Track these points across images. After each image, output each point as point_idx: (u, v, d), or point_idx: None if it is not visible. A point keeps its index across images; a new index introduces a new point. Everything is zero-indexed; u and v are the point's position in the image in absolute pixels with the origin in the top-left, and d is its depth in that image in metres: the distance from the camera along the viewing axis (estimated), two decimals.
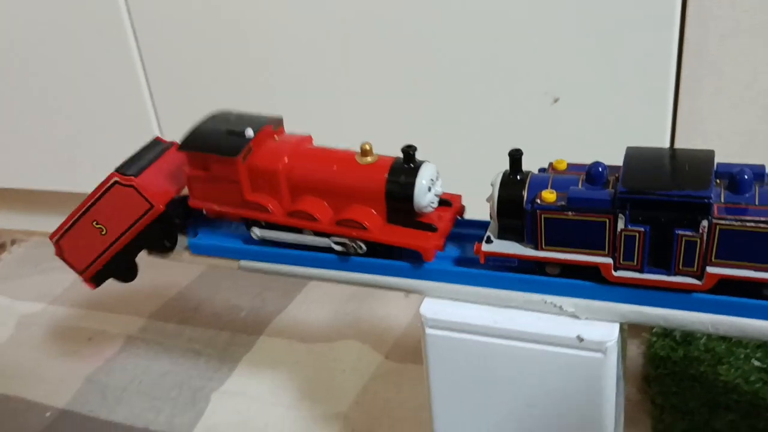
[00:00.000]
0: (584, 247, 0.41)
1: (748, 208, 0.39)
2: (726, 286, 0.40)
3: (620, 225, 0.40)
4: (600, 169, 0.42)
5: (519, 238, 0.44)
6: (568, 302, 0.44)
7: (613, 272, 0.42)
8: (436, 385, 0.48)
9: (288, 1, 0.80)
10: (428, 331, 0.46)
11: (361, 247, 0.48)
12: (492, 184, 0.44)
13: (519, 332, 0.44)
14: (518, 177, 0.44)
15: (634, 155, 0.42)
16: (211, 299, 0.92)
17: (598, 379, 0.44)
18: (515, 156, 0.44)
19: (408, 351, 0.79)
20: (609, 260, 0.41)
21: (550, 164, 0.45)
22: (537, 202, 0.42)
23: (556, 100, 0.71)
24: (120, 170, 0.52)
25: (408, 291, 0.48)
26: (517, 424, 0.48)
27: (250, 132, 0.48)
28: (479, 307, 0.46)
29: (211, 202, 0.50)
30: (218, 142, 0.48)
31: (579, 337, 0.43)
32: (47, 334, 0.89)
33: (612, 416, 0.46)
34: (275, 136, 0.50)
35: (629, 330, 0.48)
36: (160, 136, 0.60)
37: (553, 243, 0.42)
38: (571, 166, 0.45)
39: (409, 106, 0.80)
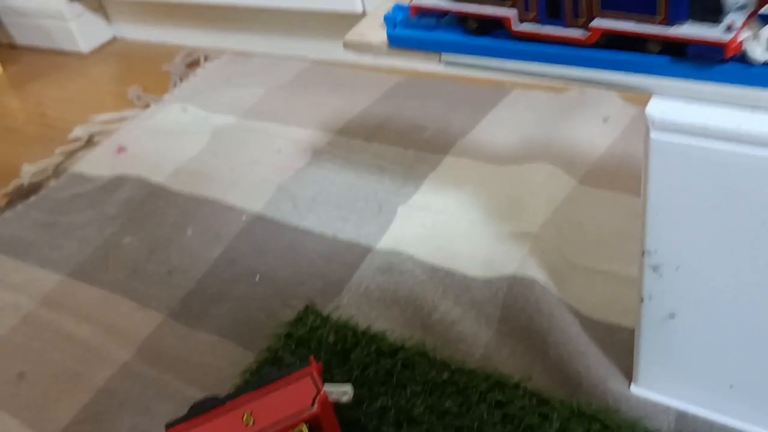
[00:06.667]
0: (494, 1, 0.44)
1: None
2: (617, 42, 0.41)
3: None
4: None
5: None
6: None
7: (514, 26, 0.44)
8: (654, 200, 0.43)
9: None
10: (654, 135, 0.41)
11: None
12: None
13: None
14: None
15: None
16: (395, 118, 0.90)
17: None
18: None
19: (604, 177, 0.74)
20: (513, 12, 0.44)
21: None
22: None
23: None
24: None
25: (635, 89, 0.42)
26: (747, 249, 0.42)
27: None
28: (719, 108, 0.40)
29: None
30: None
31: None
32: (240, 143, 0.92)
33: None
34: None
35: None
36: None
37: None
38: None
39: None
